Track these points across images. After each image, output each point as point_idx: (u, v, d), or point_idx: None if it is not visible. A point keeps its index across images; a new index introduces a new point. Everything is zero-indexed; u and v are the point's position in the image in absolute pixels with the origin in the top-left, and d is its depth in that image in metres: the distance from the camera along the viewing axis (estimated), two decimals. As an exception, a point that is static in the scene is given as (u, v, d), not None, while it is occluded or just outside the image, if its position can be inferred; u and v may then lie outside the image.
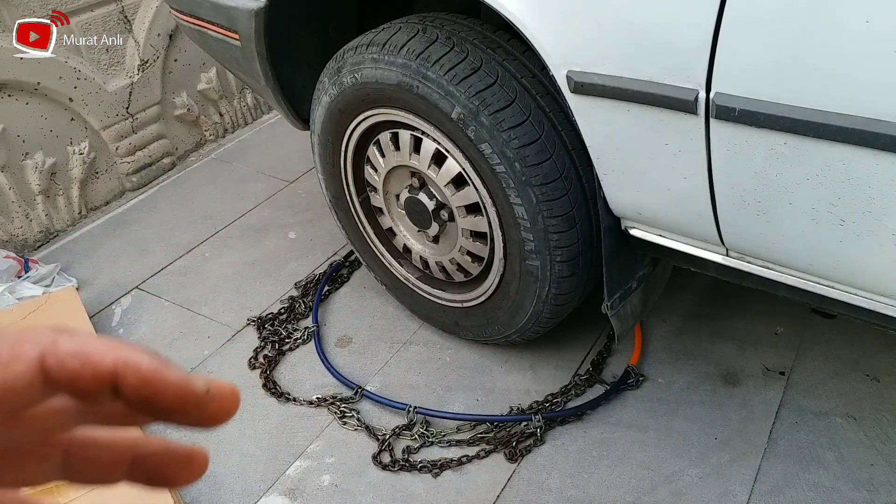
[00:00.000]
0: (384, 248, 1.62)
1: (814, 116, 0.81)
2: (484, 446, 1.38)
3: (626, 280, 1.30)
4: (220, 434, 1.45)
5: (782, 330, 1.57)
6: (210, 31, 1.54)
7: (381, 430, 1.42)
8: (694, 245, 1.13)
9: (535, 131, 1.16)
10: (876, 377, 1.44)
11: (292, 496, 1.33)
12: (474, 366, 1.57)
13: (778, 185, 0.91)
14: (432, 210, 1.41)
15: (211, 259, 1.99)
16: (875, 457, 1.29)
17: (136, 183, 2.35)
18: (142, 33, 2.25)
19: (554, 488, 1.30)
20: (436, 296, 1.56)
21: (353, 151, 1.49)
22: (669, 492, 1.27)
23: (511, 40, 1.20)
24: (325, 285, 1.82)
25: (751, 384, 1.45)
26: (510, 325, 1.42)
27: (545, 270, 1.27)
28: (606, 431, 1.39)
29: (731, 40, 0.84)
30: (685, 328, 1.61)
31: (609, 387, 1.47)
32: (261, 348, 1.65)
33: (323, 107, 1.44)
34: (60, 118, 2.10)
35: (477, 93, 1.16)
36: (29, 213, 2.08)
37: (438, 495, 1.31)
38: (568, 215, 1.20)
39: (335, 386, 1.55)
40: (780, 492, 1.25)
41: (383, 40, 1.25)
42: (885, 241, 0.87)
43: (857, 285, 0.97)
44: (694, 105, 0.90)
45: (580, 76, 1.01)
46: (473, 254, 1.41)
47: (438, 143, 1.30)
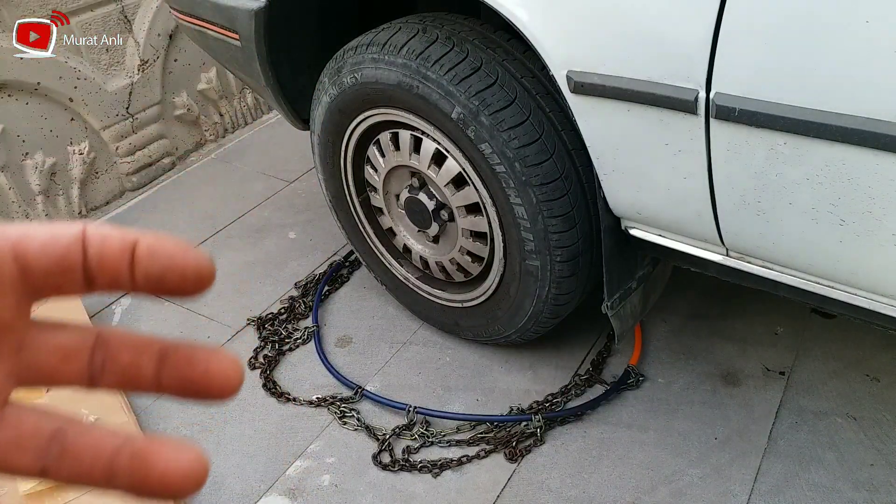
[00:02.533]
0: (384, 248, 1.62)
1: (814, 116, 0.81)
2: (484, 446, 1.38)
3: (626, 280, 1.30)
4: (220, 434, 1.46)
5: (782, 330, 1.57)
6: (210, 31, 1.54)
7: (381, 430, 1.42)
8: (694, 245, 1.13)
9: (535, 131, 1.16)
10: (876, 377, 1.44)
11: (292, 496, 1.33)
12: (474, 366, 1.57)
13: (778, 185, 0.91)
14: (432, 210, 1.41)
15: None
16: (875, 457, 1.29)
17: (136, 183, 2.35)
18: (142, 33, 2.25)
19: (554, 488, 1.30)
20: (436, 296, 1.56)
21: (353, 151, 1.49)
22: (669, 492, 1.27)
23: (511, 40, 1.20)
24: (325, 285, 1.82)
25: (751, 384, 1.45)
26: (510, 324, 1.43)
27: (545, 270, 1.27)
28: (606, 431, 1.39)
29: (732, 40, 0.84)
30: (685, 328, 1.61)
31: (609, 387, 1.47)
32: (261, 348, 1.65)
33: (323, 107, 1.44)
34: (60, 118, 2.10)
35: (477, 93, 1.16)
36: (29, 214, 2.08)
37: (438, 495, 1.31)
38: (568, 215, 1.20)
39: (335, 386, 1.55)
40: (780, 492, 1.25)
41: (383, 40, 1.25)
42: (885, 241, 0.87)
43: (857, 285, 0.97)
44: (694, 105, 0.90)
45: (580, 76, 1.01)
46: (473, 254, 1.41)
47: (438, 143, 1.30)
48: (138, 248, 0.22)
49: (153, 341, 0.24)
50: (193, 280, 0.23)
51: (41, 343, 0.23)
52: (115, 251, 0.22)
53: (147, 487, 0.22)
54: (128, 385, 0.24)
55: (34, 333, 0.23)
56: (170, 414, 1.51)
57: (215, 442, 1.44)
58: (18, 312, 0.22)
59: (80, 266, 0.22)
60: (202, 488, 0.23)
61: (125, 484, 0.22)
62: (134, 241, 0.22)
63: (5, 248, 0.21)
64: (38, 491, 1.26)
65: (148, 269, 0.22)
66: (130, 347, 0.24)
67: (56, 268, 0.22)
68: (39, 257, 0.22)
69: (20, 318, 0.22)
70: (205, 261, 0.23)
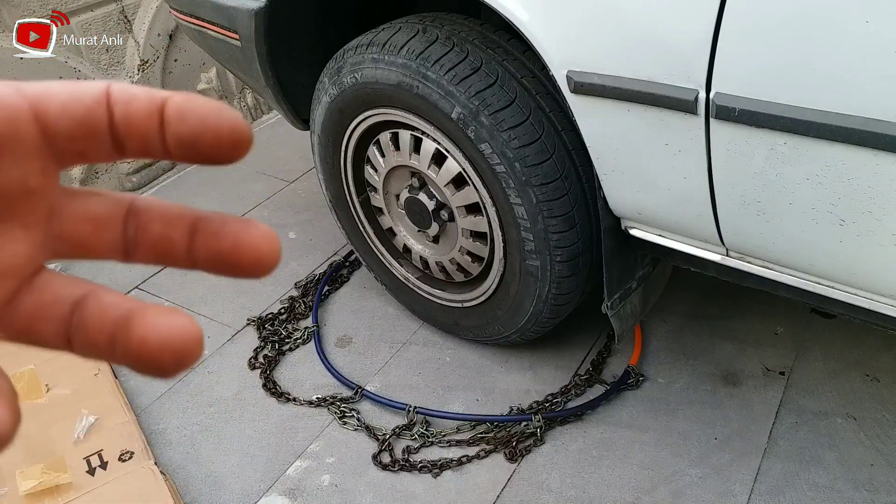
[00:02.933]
0: (384, 248, 1.62)
1: (814, 116, 0.81)
2: (484, 446, 1.38)
3: (626, 280, 1.30)
4: (220, 434, 1.46)
5: (782, 330, 1.57)
6: (210, 31, 1.54)
7: (381, 430, 1.42)
8: (694, 245, 1.13)
9: (535, 131, 1.16)
10: (876, 377, 1.44)
11: (292, 496, 1.33)
12: (474, 366, 1.57)
13: (778, 185, 0.91)
14: (432, 210, 1.41)
15: (211, 259, 1.99)
16: (875, 457, 1.29)
17: (136, 183, 2.35)
18: (142, 33, 2.25)
19: (554, 488, 1.30)
20: (436, 296, 1.56)
21: (353, 151, 1.49)
22: (669, 492, 1.27)
23: (511, 40, 1.20)
24: (325, 285, 1.82)
25: (751, 384, 1.45)
26: (510, 324, 1.43)
27: (545, 270, 1.27)
28: (606, 431, 1.39)
29: (732, 40, 0.84)
30: (685, 328, 1.61)
31: (609, 387, 1.47)
32: (261, 348, 1.65)
33: (323, 107, 1.44)
34: (60, 118, 2.10)
35: (477, 93, 1.16)
36: (29, 213, 2.08)
37: (438, 495, 1.31)
38: (568, 215, 1.20)
39: (335, 386, 1.55)
40: (780, 492, 1.25)
41: (383, 40, 1.25)
42: (885, 241, 0.87)
43: (858, 285, 0.97)
44: (694, 105, 0.90)
45: (580, 76, 1.01)
46: (473, 254, 1.41)
47: (438, 143, 1.30)
48: (168, 108, 0.20)
49: (186, 212, 0.22)
50: (229, 143, 0.21)
51: (72, 211, 0.22)
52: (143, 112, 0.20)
53: (130, 357, 0.21)
54: (161, 259, 0.22)
55: (64, 201, 0.22)
56: (170, 414, 1.51)
57: (215, 442, 1.44)
58: (45, 178, 0.21)
59: (107, 128, 0.21)
60: (188, 364, 0.20)
61: (119, 356, 0.21)
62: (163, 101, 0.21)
63: (24, 108, 0.20)
64: (39, 491, 1.26)
65: (179, 132, 0.21)
66: (162, 219, 0.22)
67: (80, 129, 0.20)
68: (61, 118, 0.20)
69: (48, 183, 0.21)
70: (241, 122, 0.21)
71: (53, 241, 0.22)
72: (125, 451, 1.36)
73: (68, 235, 0.22)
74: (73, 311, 0.21)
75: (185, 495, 1.33)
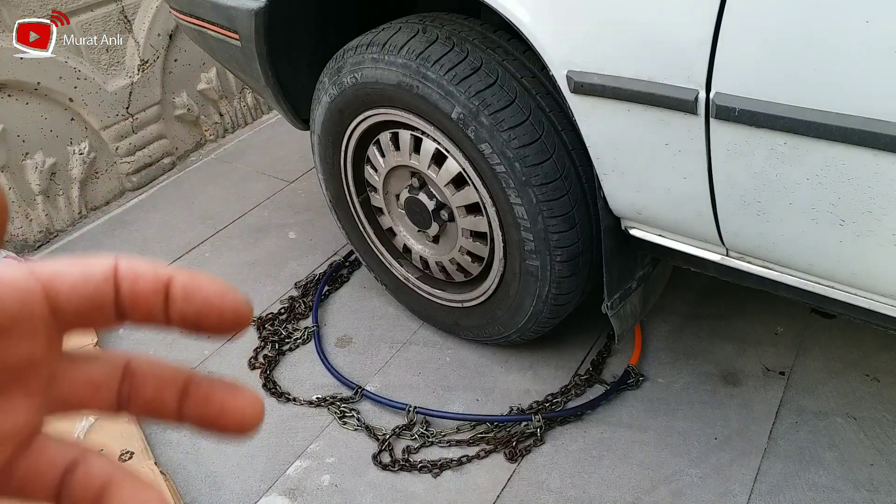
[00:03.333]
0: (384, 248, 1.62)
1: (814, 116, 0.81)
2: (484, 446, 1.38)
3: (626, 280, 1.30)
4: (220, 434, 1.45)
5: (782, 330, 1.57)
6: (210, 31, 1.54)
7: (381, 430, 1.42)
8: (694, 245, 1.13)
9: (535, 131, 1.16)
10: (876, 377, 1.44)
11: (292, 496, 1.33)
12: (474, 366, 1.57)
13: (778, 185, 0.91)
14: (432, 210, 1.41)
15: (211, 259, 1.99)
16: (875, 457, 1.29)
17: (136, 183, 2.35)
18: (142, 33, 2.25)
19: (554, 488, 1.30)
20: (436, 296, 1.56)
21: (353, 151, 1.49)
22: (669, 492, 1.27)
23: (511, 40, 1.20)
24: (325, 285, 1.82)
25: (751, 384, 1.45)
26: (510, 324, 1.43)
27: (545, 270, 1.27)
28: (606, 431, 1.39)
29: (732, 40, 0.84)
30: (685, 328, 1.61)
31: (609, 387, 1.47)
32: (261, 348, 1.65)
33: (323, 107, 1.44)
34: (60, 118, 2.11)
35: (477, 93, 1.16)
36: (29, 214, 2.08)
37: (438, 495, 1.31)
38: (568, 215, 1.20)
39: (335, 386, 1.55)
40: (780, 492, 1.25)
41: (383, 40, 1.25)
42: (885, 241, 0.87)
43: (858, 285, 0.97)
44: (694, 105, 0.90)
45: (580, 76, 1.01)
46: (473, 254, 1.41)
47: (438, 143, 1.30)
48: (173, 287, 0.22)
49: (178, 375, 0.24)
50: (231, 323, 0.22)
51: (72, 376, 0.23)
52: (149, 290, 0.22)
53: None
54: (152, 415, 0.24)
55: (65, 366, 0.23)
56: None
57: (215, 442, 1.43)
58: (49, 349, 0.22)
59: (112, 303, 0.22)
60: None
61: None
62: (168, 280, 0.22)
63: (36, 289, 0.21)
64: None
65: (184, 310, 0.22)
66: (156, 380, 0.24)
67: (88, 306, 0.22)
68: (71, 297, 0.22)
69: (51, 354, 0.22)
70: (243, 303, 0.23)
71: (52, 404, 0.23)
72: (125, 451, 1.36)
73: (67, 397, 0.23)
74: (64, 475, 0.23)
75: (185, 495, 1.33)
